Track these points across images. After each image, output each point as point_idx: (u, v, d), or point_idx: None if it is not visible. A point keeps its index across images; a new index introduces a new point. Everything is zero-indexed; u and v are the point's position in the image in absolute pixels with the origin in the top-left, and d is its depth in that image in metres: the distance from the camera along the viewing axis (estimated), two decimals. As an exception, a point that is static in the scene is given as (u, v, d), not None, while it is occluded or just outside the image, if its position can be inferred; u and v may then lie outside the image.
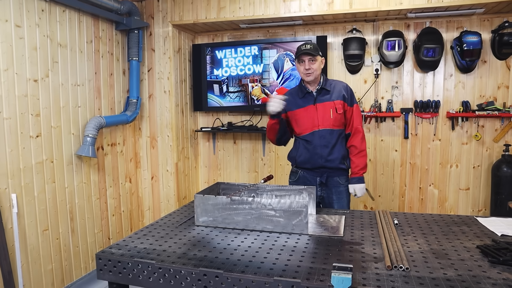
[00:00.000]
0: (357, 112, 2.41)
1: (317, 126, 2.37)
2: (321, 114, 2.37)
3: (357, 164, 2.38)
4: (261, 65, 3.70)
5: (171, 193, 3.82)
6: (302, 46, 2.32)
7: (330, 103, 2.37)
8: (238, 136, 4.09)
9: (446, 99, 3.46)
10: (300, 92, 2.42)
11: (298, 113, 2.41)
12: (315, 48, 2.31)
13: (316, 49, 2.32)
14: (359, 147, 2.38)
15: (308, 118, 2.38)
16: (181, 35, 3.82)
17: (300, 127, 2.42)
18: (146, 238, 1.83)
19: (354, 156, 2.40)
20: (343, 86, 2.42)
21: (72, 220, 3.00)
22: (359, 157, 2.38)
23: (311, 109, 2.38)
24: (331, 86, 2.41)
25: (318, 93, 2.39)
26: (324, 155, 2.37)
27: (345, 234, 1.85)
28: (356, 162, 2.38)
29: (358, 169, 2.37)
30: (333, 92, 2.38)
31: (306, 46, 2.30)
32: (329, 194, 2.45)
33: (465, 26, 3.33)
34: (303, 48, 2.30)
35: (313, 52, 2.27)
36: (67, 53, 2.93)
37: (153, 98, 3.77)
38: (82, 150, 2.96)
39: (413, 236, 1.82)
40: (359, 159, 2.38)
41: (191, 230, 1.95)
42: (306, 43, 2.34)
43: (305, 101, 2.40)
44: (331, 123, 2.37)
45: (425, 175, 3.59)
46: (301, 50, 2.30)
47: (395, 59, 3.32)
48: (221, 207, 1.97)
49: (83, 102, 3.11)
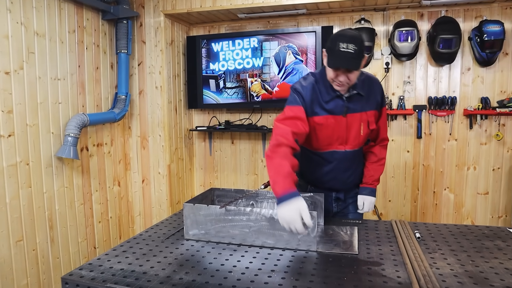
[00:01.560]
0: (385, 116, 1.93)
1: (343, 146, 1.82)
2: (351, 131, 1.79)
3: (372, 174, 1.97)
4: (261, 58, 3.41)
5: (163, 198, 3.52)
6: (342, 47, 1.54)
7: (363, 114, 1.78)
8: (236, 136, 3.79)
9: (463, 95, 3.17)
10: (326, 93, 1.74)
11: (322, 123, 1.76)
12: (359, 52, 1.56)
13: (361, 52, 1.58)
14: (379, 154, 1.97)
15: (333, 133, 1.79)
16: (174, 26, 3.53)
17: (320, 142, 1.82)
18: (125, 256, 1.55)
19: (371, 164, 1.98)
20: (377, 86, 1.84)
21: (51, 229, 2.71)
22: (377, 166, 1.97)
23: (339, 121, 1.76)
24: (364, 87, 1.78)
25: (350, 99, 1.75)
26: (344, 179, 1.93)
27: (360, 251, 1.56)
28: (371, 171, 1.97)
29: (372, 180, 1.97)
30: (368, 98, 1.79)
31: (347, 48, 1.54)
32: (344, 208, 2.07)
33: (484, 15, 3.04)
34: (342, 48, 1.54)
35: (355, 64, 1.58)
36: (46, 43, 2.64)
37: (144, 95, 3.47)
38: (62, 151, 2.67)
39: (441, 254, 1.53)
40: (376, 168, 1.97)
41: (179, 246, 1.66)
42: (349, 41, 1.54)
43: (332, 107, 1.74)
44: (360, 143, 1.85)
45: (439, 178, 3.30)
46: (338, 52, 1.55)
47: (408, 51, 3.03)
48: (214, 218, 1.68)
49: (65, 98, 2.82)
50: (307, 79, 1.80)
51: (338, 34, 1.62)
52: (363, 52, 1.61)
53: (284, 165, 1.52)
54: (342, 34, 1.60)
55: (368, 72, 1.88)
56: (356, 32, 1.64)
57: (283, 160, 1.53)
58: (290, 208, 1.42)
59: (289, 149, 1.58)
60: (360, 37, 1.61)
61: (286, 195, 1.45)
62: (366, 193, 1.99)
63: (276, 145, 1.58)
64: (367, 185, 1.99)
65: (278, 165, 1.53)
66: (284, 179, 1.48)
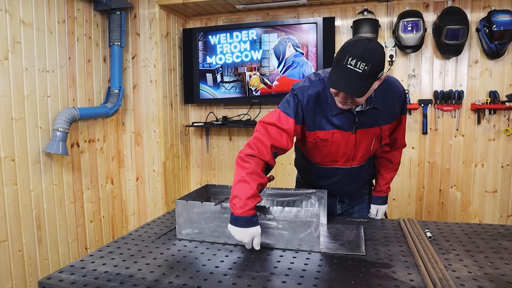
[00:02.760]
0: (404, 124, 1.71)
1: (350, 161, 1.63)
2: (360, 147, 1.57)
3: (387, 181, 1.81)
4: (260, 51, 3.28)
5: (158, 196, 3.39)
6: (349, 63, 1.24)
7: (376, 129, 1.55)
8: (234, 132, 3.66)
9: (470, 89, 3.04)
10: (334, 105, 1.46)
11: (326, 139, 1.53)
12: (370, 74, 1.25)
13: (372, 73, 1.26)
14: (395, 161, 1.79)
15: (339, 150, 1.57)
16: (169, 18, 3.40)
17: (323, 158, 1.63)
18: (111, 257, 1.41)
19: (385, 170, 1.81)
20: (398, 95, 1.55)
21: (39, 228, 2.57)
22: (391, 171, 1.82)
23: (347, 137, 1.53)
24: (382, 98, 1.49)
25: (361, 113, 1.50)
26: (348, 190, 1.79)
27: (368, 252, 1.43)
28: (386, 178, 1.81)
29: (386, 187, 1.83)
30: (383, 110, 1.51)
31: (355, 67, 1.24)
32: (349, 209, 1.92)
33: (493, 5, 2.91)
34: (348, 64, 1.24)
35: (359, 90, 1.28)
36: (33, 33, 2.50)
37: (138, 89, 3.34)
38: (51, 146, 2.53)
39: (456, 255, 1.40)
40: (390, 174, 1.82)
41: (171, 246, 1.53)
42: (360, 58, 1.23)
43: (340, 122, 1.50)
44: (368, 156, 1.67)
45: (446, 176, 3.17)
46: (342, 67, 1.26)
47: (413, 43, 2.90)
48: (209, 217, 1.55)
49: (54, 91, 2.68)
50: (313, 83, 1.48)
51: (352, 43, 1.27)
52: (377, 74, 1.27)
53: (251, 184, 1.36)
54: (357, 46, 1.25)
55: (389, 75, 1.56)
56: (375, 46, 1.26)
57: (251, 178, 1.37)
58: (243, 231, 1.36)
59: (262, 164, 1.42)
60: (378, 53, 1.25)
61: (243, 218, 1.36)
62: (380, 201, 1.85)
63: (250, 156, 1.42)
64: (381, 194, 1.85)
65: (244, 182, 1.37)
66: (246, 200, 1.35)
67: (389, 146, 1.76)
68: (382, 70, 1.30)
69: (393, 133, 1.70)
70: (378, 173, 1.85)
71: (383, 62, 1.29)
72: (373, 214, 1.87)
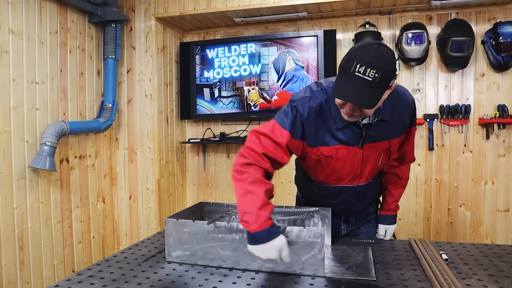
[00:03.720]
0: (413, 138, 1.56)
1: (356, 180, 1.48)
2: (367, 163, 1.43)
3: (395, 198, 1.67)
4: (259, 65, 3.19)
5: (151, 216, 3.22)
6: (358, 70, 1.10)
7: (385, 144, 1.41)
8: (233, 149, 3.53)
9: (477, 103, 2.92)
10: (338, 118, 1.32)
11: (331, 155, 1.38)
12: (381, 82, 1.12)
13: (383, 82, 1.12)
14: (403, 176, 1.65)
15: (345, 168, 1.43)
16: (166, 32, 3.32)
17: (326, 176, 1.48)
18: (90, 282, 1.26)
19: (393, 186, 1.67)
20: (407, 106, 1.42)
21: (21, 249, 2.40)
22: (399, 188, 1.68)
23: (353, 153, 1.39)
24: (390, 109, 1.36)
25: (368, 126, 1.36)
26: (353, 210, 1.66)
27: (378, 276, 1.28)
28: (395, 195, 1.67)
29: (395, 205, 1.69)
30: (392, 122, 1.37)
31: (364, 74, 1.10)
32: (354, 229, 1.76)
33: (498, 17, 2.83)
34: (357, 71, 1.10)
35: (369, 101, 1.14)
36: (22, 43, 2.40)
37: (133, 104, 3.23)
38: (37, 161, 2.39)
39: (478, 280, 1.25)
40: (399, 191, 1.68)
41: (159, 270, 1.37)
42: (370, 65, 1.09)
43: (346, 136, 1.36)
44: (376, 172, 1.54)
45: (454, 194, 3.01)
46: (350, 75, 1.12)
47: (417, 55, 2.80)
48: (201, 237, 1.40)
49: (43, 103, 2.56)
50: (315, 94, 1.34)
51: (359, 48, 1.13)
52: (388, 82, 1.14)
53: (257, 193, 1.19)
54: (365, 51, 1.11)
55: (398, 84, 1.40)
56: (385, 51, 1.12)
57: (256, 187, 1.21)
58: (266, 247, 1.17)
59: (261, 171, 1.27)
60: (389, 58, 1.12)
61: (261, 233, 1.17)
62: (389, 221, 1.70)
63: (247, 165, 1.26)
64: (389, 212, 1.70)
65: (249, 193, 1.20)
66: (258, 212, 1.17)
67: (397, 161, 1.62)
68: (393, 78, 1.17)
69: (402, 147, 1.55)
70: (385, 190, 1.70)
71: (394, 69, 1.16)
72: (381, 234, 1.72)
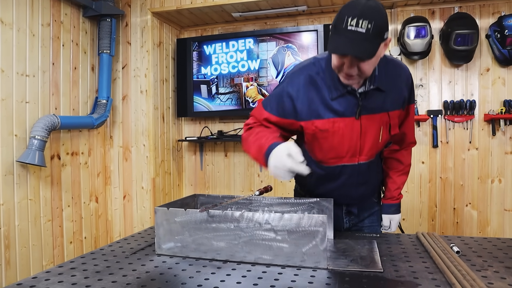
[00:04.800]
0: (412, 116, 1.48)
1: (356, 157, 1.39)
2: (367, 137, 1.35)
3: (398, 185, 1.57)
4: (258, 60, 3.11)
5: (146, 216, 3.11)
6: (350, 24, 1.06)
7: (383, 116, 1.33)
8: (230, 147, 3.43)
9: (482, 99, 2.84)
10: (332, 87, 1.28)
11: (326, 129, 1.32)
12: (376, 33, 1.07)
13: (377, 33, 1.08)
14: (404, 162, 1.56)
15: (343, 143, 1.35)
16: (163, 27, 3.25)
17: (325, 153, 1.40)
18: (71, 274, 1.15)
19: (395, 173, 1.58)
20: (405, 77, 1.37)
21: (7, 248, 2.29)
22: (401, 175, 1.58)
23: (350, 125, 1.32)
24: (387, 79, 1.30)
25: (365, 94, 1.29)
26: (356, 195, 1.54)
27: (386, 268, 1.17)
28: (397, 182, 1.57)
29: (398, 193, 1.59)
30: (390, 93, 1.31)
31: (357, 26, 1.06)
32: (357, 222, 1.66)
33: (503, 10, 2.77)
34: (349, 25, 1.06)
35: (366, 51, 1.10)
36: (12, 34, 2.33)
37: (128, 100, 3.14)
38: (26, 156, 2.30)
39: (495, 272, 1.14)
40: (401, 177, 1.58)
41: (147, 262, 1.26)
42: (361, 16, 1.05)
43: (341, 107, 1.30)
44: (378, 151, 1.45)
45: (460, 193, 2.91)
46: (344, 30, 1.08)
47: (420, 49, 2.73)
48: (193, 227, 1.29)
49: (33, 97, 2.47)
50: (304, 68, 1.34)
51: (347, 6, 1.12)
52: (383, 33, 1.11)
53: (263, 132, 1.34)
54: (353, 6, 1.09)
55: (394, 57, 1.41)
56: (374, 3, 1.10)
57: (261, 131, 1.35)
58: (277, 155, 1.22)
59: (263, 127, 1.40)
60: (378, 9, 1.09)
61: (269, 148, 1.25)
62: (393, 211, 1.61)
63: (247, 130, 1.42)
64: (392, 201, 1.61)
65: (256, 139, 1.33)
66: (266, 140, 1.29)
67: (398, 144, 1.53)
68: (387, 30, 1.14)
69: (402, 125, 1.46)
70: (387, 177, 1.61)
71: (386, 20, 1.13)
72: (385, 225, 1.62)
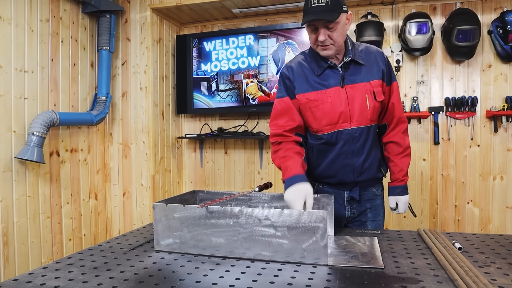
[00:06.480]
0: (397, 93, 1.61)
1: (348, 122, 1.53)
2: (354, 103, 1.52)
3: (401, 168, 1.62)
4: (258, 57, 3.09)
5: (146, 213, 3.09)
6: (313, 2, 1.38)
7: (366, 84, 1.52)
8: (230, 144, 3.41)
9: (484, 95, 2.82)
10: (317, 66, 1.53)
11: (316, 99, 1.53)
12: (334, 5, 1.37)
13: (336, 5, 1.37)
14: (402, 143, 1.62)
15: (333, 109, 1.52)
16: (162, 24, 3.23)
17: (319, 121, 1.55)
18: (68, 270, 1.14)
19: (395, 156, 1.63)
20: (378, 54, 1.57)
21: (6, 245, 2.27)
22: (403, 157, 1.63)
23: (337, 93, 1.51)
24: (362, 55, 1.54)
25: (345, 68, 1.52)
26: (357, 166, 1.57)
27: (387, 265, 1.15)
28: (399, 165, 1.62)
29: (402, 175, 1.62)
30: (368, 66, 1.53)
31: (318, 2, 1.36)
32: (361, 212, 1.67)
33: (505, 6, 2.74)
34: (313, 4, 1.38)
35: (330, 15, 1.36)
36: (10, 29, 2.31)
37: (127, 97, 3.12)
38: (24, 152, 2.28)
39: (497, 268, 1.13)
40: (403, 160, 1.63)
41: (145, 258, 1.25)
42: None
43: (325, 79, 1.52)
44: (369, 117, 1.54)
45: (461, 190, 2.89)
46: (309, 8, 1.38)
47: (422, 45, 2.70)
48: (192, 223, 1.28)
49: (32, 93, 2.46)
50: (295, 58, 1.65)
51: None
52: (341, 5, 1.42)
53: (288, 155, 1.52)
54: None
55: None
56: None
57: (287, 152, 1.53)
58: (294, 190, 1.38)
59: (291, 143, 1.57)
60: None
61: (290, 178, 1.42)
62: (398, 192, 1.64)
63: (277, 144, 1.57)
64: (397, 183, 1.64)
65: (283, 157, 1.52)
66: (288, 165, 1.47)
67: (388, 119, 1.63)
68: (344, 4, 1.43)
69: (390, 99, 1.61)
70: (389, 161, 1.65)
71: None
72: (392, 207, 1.65)
